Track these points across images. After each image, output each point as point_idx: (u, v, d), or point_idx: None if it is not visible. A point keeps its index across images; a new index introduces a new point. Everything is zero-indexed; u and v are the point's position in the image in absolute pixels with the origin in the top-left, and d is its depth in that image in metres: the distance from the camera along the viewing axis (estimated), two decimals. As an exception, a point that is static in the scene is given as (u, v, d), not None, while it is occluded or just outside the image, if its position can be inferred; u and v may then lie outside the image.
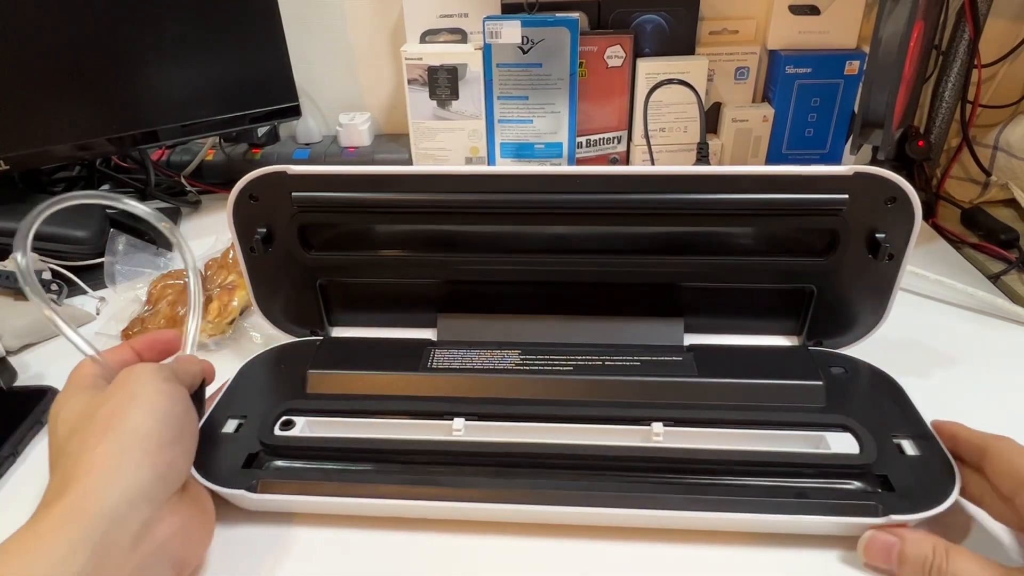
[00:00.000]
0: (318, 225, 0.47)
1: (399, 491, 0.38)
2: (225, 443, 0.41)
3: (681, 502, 0.36)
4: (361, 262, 0.49)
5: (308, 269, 0.49)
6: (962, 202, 0.70)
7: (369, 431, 0.42)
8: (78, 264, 0.61)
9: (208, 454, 0.39)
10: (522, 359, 0.46)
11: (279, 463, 0.41)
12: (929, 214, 0.69)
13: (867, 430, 0.40)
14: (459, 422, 0.41)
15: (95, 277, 0.61)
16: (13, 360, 0.52)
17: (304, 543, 0.38)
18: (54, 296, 0.56)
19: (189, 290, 0.44)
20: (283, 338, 0.51)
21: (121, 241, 0.59)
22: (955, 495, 0.36)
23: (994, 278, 0.59)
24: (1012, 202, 0.67)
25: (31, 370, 0.52)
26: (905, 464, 0.38)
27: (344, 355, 0.48)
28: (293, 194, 0.45)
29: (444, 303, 0.51)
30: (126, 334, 0.51)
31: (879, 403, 0.43)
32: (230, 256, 0.58)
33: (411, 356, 0.47)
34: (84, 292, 0.60)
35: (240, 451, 0.40)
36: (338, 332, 0.53)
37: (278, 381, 0.46)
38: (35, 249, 0.57)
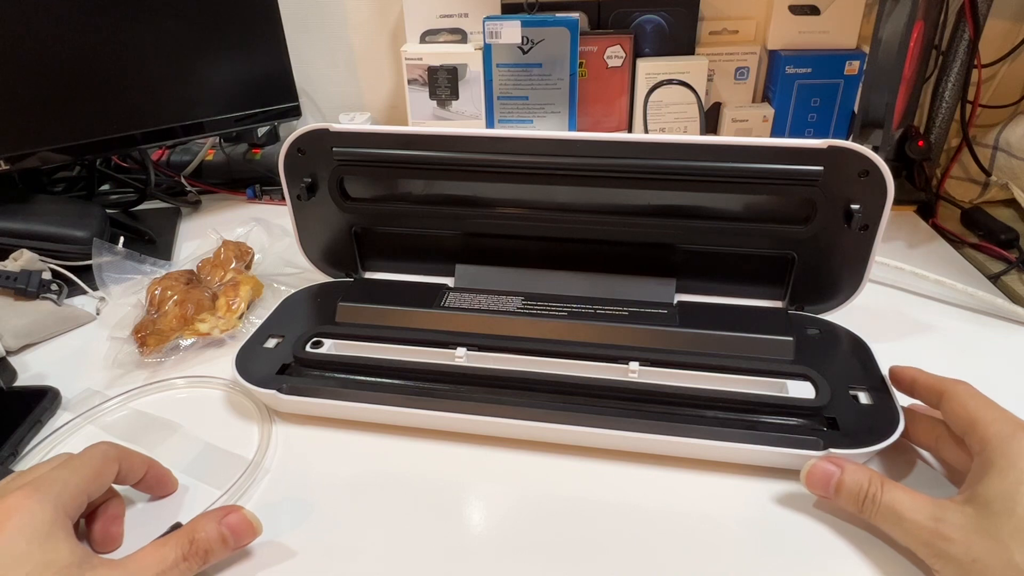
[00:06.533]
0: (354, 177, 0.53)
1: (403, 400, 0.43)
2: (264, 355, 0.48)
3: (644, 426, 0.40)
4: (390, 213, 0.55)
5: (344, 217, 0.55)
6: (962, 202, 0.70)
7: (385, 353, 0.48)
8: (78, 264, 0.61)
9: (250, 363, 0.47)
10: (524, 303, 0.51)
11: (307, 373, 0.47)
12: (929, 214, 0.69)
13: (826, 380, 0.42)
14: (461, 350, 0.47)
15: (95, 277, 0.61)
16: (13, 360, 0.52)
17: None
18: (54, 296, 0.56)
19: None
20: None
21: (107, 250, 0.59)
22: (895, 438, 0.38)
23: (994, 278, 0.59)
24: (1012, 202, 0.67)
25: (31, 370, 0.52)
26: (856, 410, 0.41)
27: (371, 292, 0.54)
28: (333, 148, 0.50)
29: (462, 254, 0.57)
30: (138, 337, 0.51)
31: (845, 360, 0.46)
32: (221, 255, 0.59)
33: (429, 296, 0.53)
34: (84, 292, 0.60)
35: (276, 362, 0.47)
36: (370, 276, 0.59)
37: (313, 311, 0.53)
38: (35, 249, 0.58)
